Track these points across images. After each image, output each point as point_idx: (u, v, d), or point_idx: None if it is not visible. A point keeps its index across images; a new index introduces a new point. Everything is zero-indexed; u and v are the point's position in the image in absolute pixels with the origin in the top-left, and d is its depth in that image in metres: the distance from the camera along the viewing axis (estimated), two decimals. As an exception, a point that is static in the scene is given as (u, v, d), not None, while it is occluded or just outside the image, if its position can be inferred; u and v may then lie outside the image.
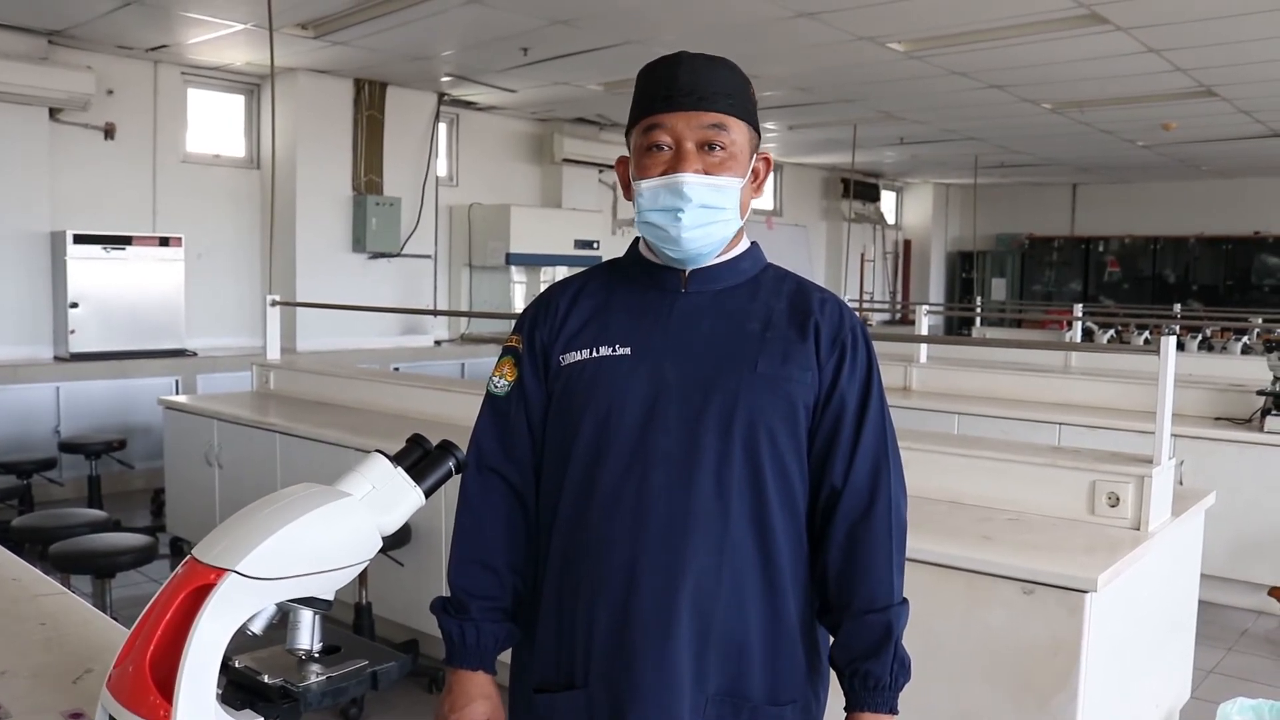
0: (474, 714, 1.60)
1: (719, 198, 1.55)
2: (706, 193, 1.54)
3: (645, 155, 1.57)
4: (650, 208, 1.56)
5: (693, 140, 1.54)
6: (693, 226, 1.54)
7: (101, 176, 7.80)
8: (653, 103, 1.56)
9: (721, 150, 1.55)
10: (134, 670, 1.16)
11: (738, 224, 1.61)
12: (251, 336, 8.30)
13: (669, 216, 1.55)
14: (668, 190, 1.54)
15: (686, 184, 1.53)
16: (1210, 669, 4.38)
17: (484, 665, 1.63)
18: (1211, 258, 15.31)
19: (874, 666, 1.54)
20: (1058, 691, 2.55)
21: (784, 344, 1.58)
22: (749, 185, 1.61)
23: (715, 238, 1.58)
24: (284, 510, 1.21)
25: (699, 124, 1.54)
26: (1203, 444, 5.02)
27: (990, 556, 2.70)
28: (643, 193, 1.57)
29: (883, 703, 1.54)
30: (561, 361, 1.63)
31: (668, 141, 1.55)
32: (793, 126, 10.91)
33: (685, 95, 1.54)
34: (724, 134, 1.55)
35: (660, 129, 1.55)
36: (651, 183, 1.55)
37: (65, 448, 6.35)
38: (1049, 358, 7.10)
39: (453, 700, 1.62)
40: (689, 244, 1.56)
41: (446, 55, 7.95)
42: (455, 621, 1.62)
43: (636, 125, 1.59)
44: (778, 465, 1.55)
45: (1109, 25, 6.38)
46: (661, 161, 1.55)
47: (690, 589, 1.50)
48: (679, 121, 1.54)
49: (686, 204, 1.53)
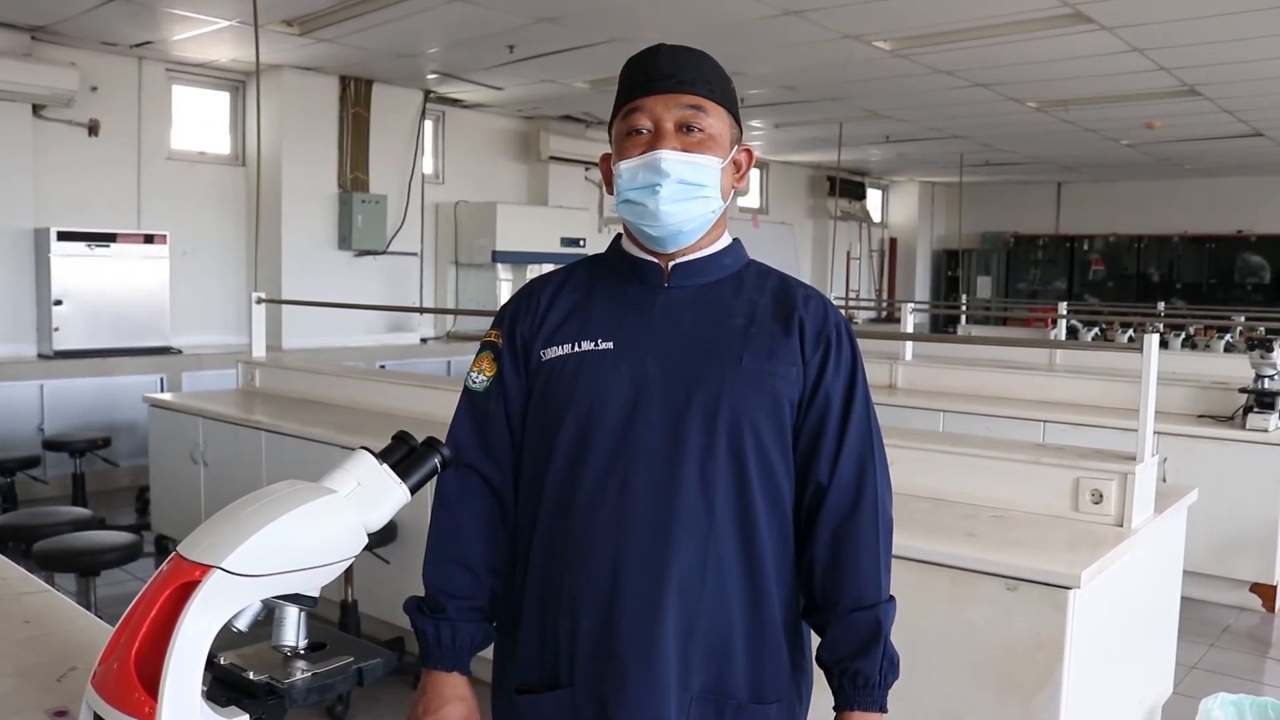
0: (449, 715, 1.59)
1: (697, 174, 1.55)
2: (684, 168, 1.54)
3: (625, 140, 1.58)
4: (629, 186, 1.56)
5: (671, 121, 1.55)
6: (670, 200, 1.54)
7: (86, 173, 7.75)
8: (632, 88, 1.58)
9: (700, 132, 1.56)
10: (119, 667, 1.16)
11: (718, 204, 1.60)
12: (237, 334, 8.26)
13: (647, 192, 1.54)
14: (646, 167, 1.54)
15: (664, 159, 1.53)
16: (1192, 665, 4.41)
17: (459, 666, 1.61)
18: (1195, 256, 15.39)
19: (863, 665, 1.53)
20: (1041, 687, 2.56)
21: (768, 339, 1.57)
22: (730, 171, 1.61)
23: (694, 214, 1.57)
24: (269, 507, 1.21)
25: (677, 105, 1.55)
26: (1186, 441, 5.06)
27: (974, 553, 2.71)
28: (622, 173, 1.57)
29: (872, 701, 1.54)
30: (543, 356, 1.61)
31: (647, 125, 1.56)
32: (778, 125, 10.93)
33: (664, 79, 1.56)
34: (702, 116, 1.56)
35: (640, 112, 1.56)
36: (630, 162, 1.56)
37: (49, 446, 6.32)
38: (1033, 355, 7.13)
39: (427, 702, 1.60)
40: (667, 218, 1.55)
41: (432, 53, 7.93)
42: (431, 621, 1.61)
43: (618, 114, 1.61)
44: (763, 461, 1.54)
45: (1093, 24, 6.41)
46: (641, 144, 1.56)
47: (675, 587, 1.49)
48: (658, 104, 1.55)
49: (664, 179, 1.53)
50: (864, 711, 1.54)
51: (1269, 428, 4.97)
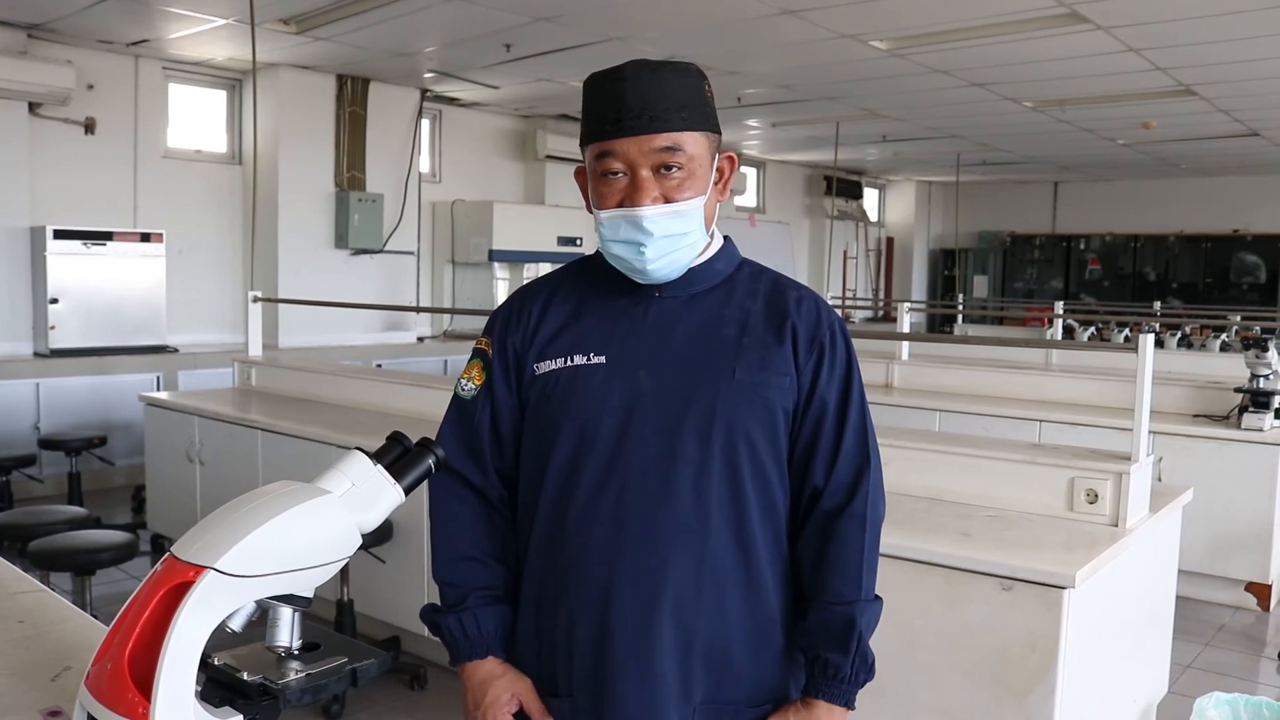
0: (498, 695, 1.58)
1: (681, 224, 1.51)
2: (668, 222, 1.49)
3: (600, 181, 1.52)
4: (613, 238, 1.52)
5: (647, 166, 1.48)
6: (657, 258, 1.51)
7: (82, 172, 7.74)
8: (602, 125, 1.49)
9: (679, 170, 1.49)
10: (112, 668, 1.16)
11: (704, 240, 1.57)
12: (233, 333, 8.26)
13: (632, 250, 1.51)
14: (628, 223, 1.50)
15: (646, 218, 1.48)
16: (1188, 664, 4.41)
17: (492, 651, 1.61)
18: (1191, 256, 15.41)
19: (834, 656, 1.53)
20: (1036, 687, 2.57)
21: (761, 349, 1.55)
22: (713, 193, 1.56)
23: (682, 262, 1.55)
24: (263, 508, 1.21)
25: (651, 148, 1.47)
26: (1181, 441, 5.07)
27: (970, 553, 2.71)
28: (604, 222, 1.52)
29: (838, 695, 1.53)
30: (536, 370, 1.60)
31: (621, 168, 1.49)
32: (775, 124, 10.93)
33: (635, 118, 1.47)
34: (679, 154, 1.48)
35: (612, 156, 1.49)
36: (610, 214, 1.51)
37: (45, 444, 6.31)
38: (1030, 355, 7.14)
39: (474, 697, 1.60)
40: (656, 273, 1.53)
41: (429, 51, 7.93)
42: (454, 616, 1.60)
43: (588, 146, 1.53)
44: (757, 473, 1.54)
45: (1089, 24, 6.41)
46: (618, 190, 1.50)
47: (670, 602, 1.50)
48: (630, 147, 1.47)
49: (648, 239, 1.49)
50: (829, 703, 1.53)
51: (1264, 427, 4.97)
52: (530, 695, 1.58)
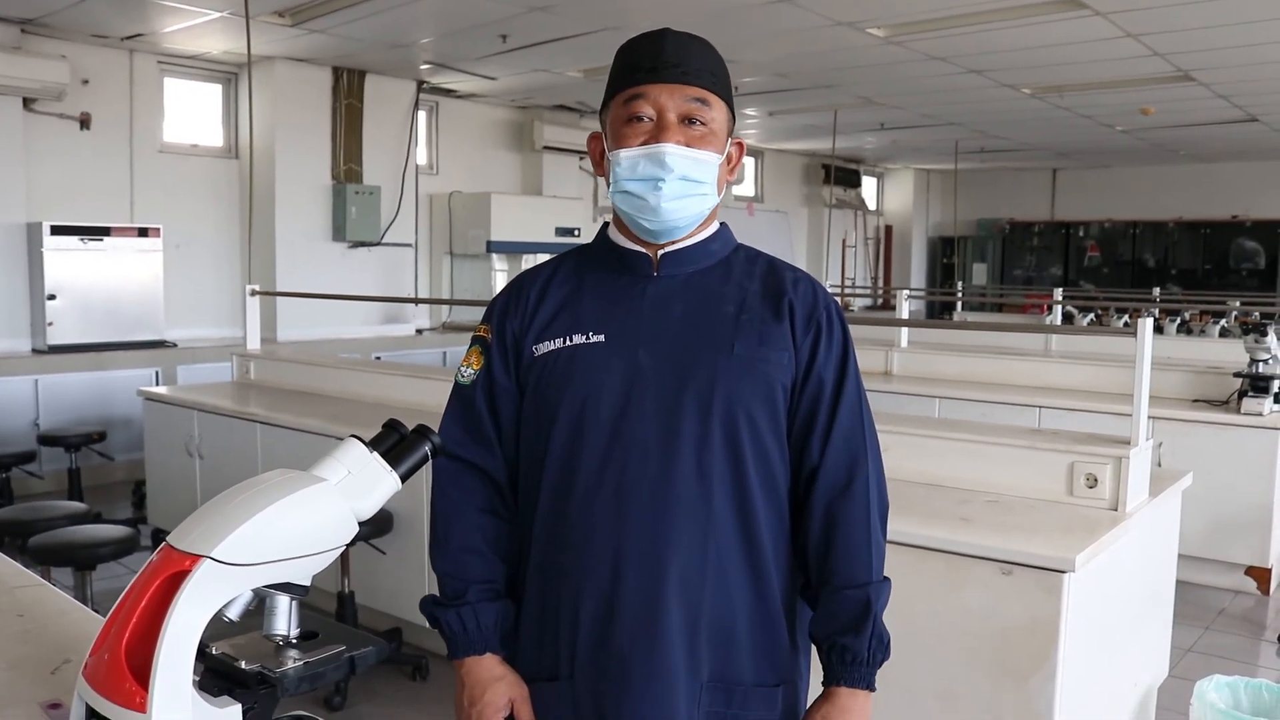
0: (494, 698, 1.58)
1: (699, 170, 1.54)
2: (688, 164, 1.52)
3: (625, 125, 1.54)
4: (629, 177, 1.54)
5: (675, 112, 1.52)
6: (672, 197, 1.53)
7: (78, 167, 7.73)
8: (635, 73, 1.54)
9: (702, 125, 1.53)
10: (110, 658, 1.16)
11: (714, 200, 1.59)
12: (231, 327, 8.25)
13: (648, 186, 1.52)
14: (649, 159, 1.52)
15: (669, 154, 1.51)
16: (1188, 648, 4.42)
17: (490, 647, 1.60)
18: (1190, 242, 15.40)
19: (852, 641, 1.53)
20: (1036, 671, 2.57)
21: (759, 325, 1.56)
22: (724, 166, 1.59)
23: (692, 211, 1.56)
24: (259, 496, 1.21)
25: (682, 96, 1.52)
26: (1180, 425, 5.07)
27: (969, 538, 2.72)
28: (621, 161, 1.54)
29: (859, 678, 1.54)
30: (535, 352, 1.60)
31: (650, 112, 1.52)
32: (773, 112, 10.91)
33: (670, 67, 1.52)
34: (706, 110, 1.53)
35: (643, 99, 1.53)
36: (632, 152, 1.53)
37: (44, 440, 6.32)
38: (1029, 341, 7.14)
39: (469, 693, 1.59)
40: (668, 214, 1.54)
41: (425, 43, 7.91)
42: (453, 610, 1.59)
43: (616, 96, 1.56)
44: (758, 448, 1.54)
45: (1087, 10, 6.40)
46: (643, 132, 1.53)
47: (676, 578, 1.50)
48: (663, 93, 1.52)
49: (668, 174, 1.51)
50: (851, 688, 1.54)
51: (1263, 411, 4.98)
52: (524, 705, 1.59)
